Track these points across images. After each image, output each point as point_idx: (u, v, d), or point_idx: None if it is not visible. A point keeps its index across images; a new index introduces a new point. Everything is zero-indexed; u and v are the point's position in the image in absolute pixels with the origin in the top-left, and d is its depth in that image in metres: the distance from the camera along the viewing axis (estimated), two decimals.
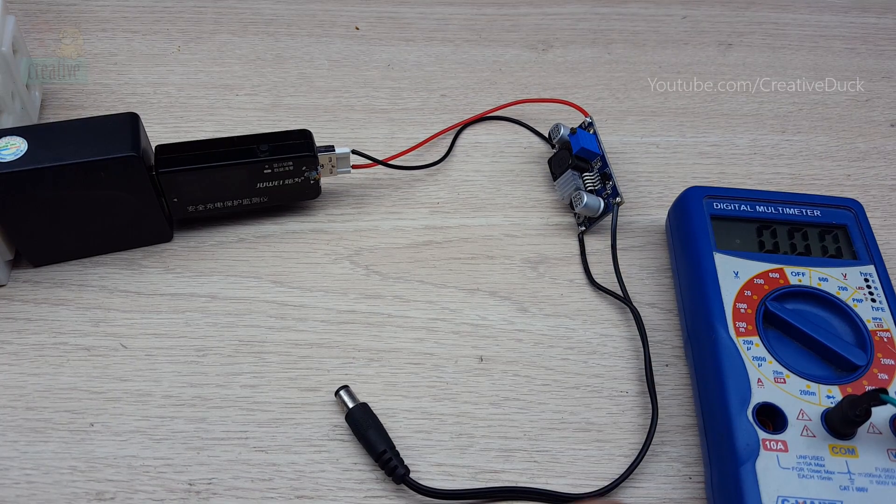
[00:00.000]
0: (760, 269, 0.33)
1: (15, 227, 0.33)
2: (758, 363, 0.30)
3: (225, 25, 0.49)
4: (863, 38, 0.52)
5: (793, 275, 0.33)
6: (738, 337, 0.31)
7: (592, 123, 0.40)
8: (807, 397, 0.29)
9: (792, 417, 0.29)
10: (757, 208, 0.36)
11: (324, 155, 0.37)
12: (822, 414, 0.29)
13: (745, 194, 0.36)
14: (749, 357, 0.30)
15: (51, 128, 0.33)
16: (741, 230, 0.35)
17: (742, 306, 0.32)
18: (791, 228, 0.35)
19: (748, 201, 0.36)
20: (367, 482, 0.30)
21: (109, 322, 0.34)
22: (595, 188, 0.39)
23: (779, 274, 0.33)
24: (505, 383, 0.33)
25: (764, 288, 0.33)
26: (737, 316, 0.32)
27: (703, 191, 0.36)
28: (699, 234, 0.35)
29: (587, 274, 0.37)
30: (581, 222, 0.39)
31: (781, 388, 0.30)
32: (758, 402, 0.29)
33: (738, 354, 0.30)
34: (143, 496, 0.29)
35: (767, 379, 0.30)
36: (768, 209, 0.36)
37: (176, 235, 0.37)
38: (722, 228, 0.35)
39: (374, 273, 0.37)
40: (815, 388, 0.30)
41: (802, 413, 0.29)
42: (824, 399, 0.29)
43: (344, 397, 0.31)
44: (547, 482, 0.30)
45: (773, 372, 0.30)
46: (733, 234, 0.35)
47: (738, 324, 0.31)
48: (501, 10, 0.51)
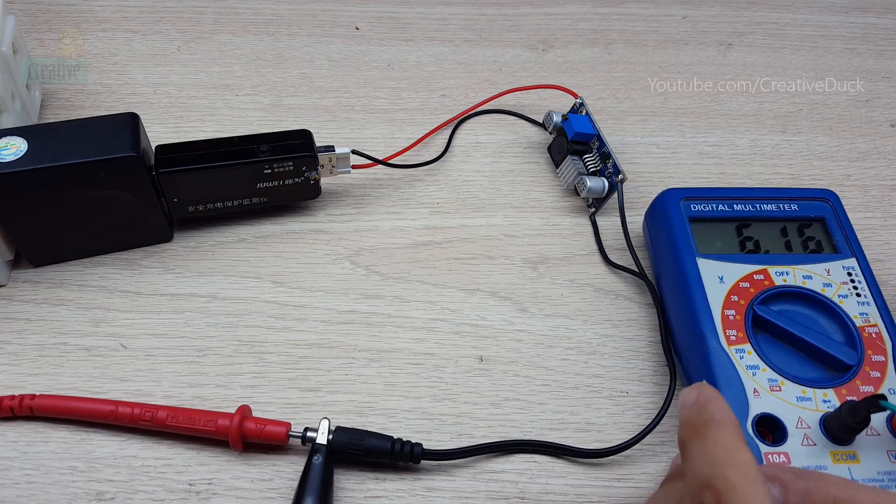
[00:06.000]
0: (745, 272, 0.33)
1: (15, 227, 0.33)
2: (752, 372, 0.30)
3: (225, 25, 0.49)
4: (863, 38, 0.52)
5: (777, 275, 0.33)
6: (730, 346, 0.30)
7: (584, 104, 0.41)
8: (803, 404, 0.29)
9: (791, 427, 0.28)
10: (734, 207, 0.35)
11: (324, 155, 0.37)
12: (820, 420, 0.29)
13: (721, 193, 0.36)
14: (743, 367, 0.30)
15: (51, 128, 0.33)
16: (721, 232, 0.34)
17: (730, 313, 0.31)
18: (770, 225, 0.35)
19: (725, 200, 0.35)
20: (367, 482, 0.30)
21: (109, 322, 0.34)
22: (597, 169, 0.39)
23: (763, 275, 0.33)
24: (505, 383, 0.33)
25: (750, 291, 0.32)
26: (726, 324, 0.31)
27: (680, 192, 0.35)
28: (680, 240, 0.34)
29: (602, 254, 0.38)
30: (590, 204, 0.40)
31: (778, 396, 0.29)
32: (756, 413, 0.28)
33: (731, 365, 0.30)
34: (143, 496, 0.29)
35: (763, 388, 0.29)
36: (745, 207, 0.35)
37: (176, 235, 0.37)
38: (702, 231, 0.34)
39: (374, 273, 0.37)
40: (811, 392, 0.29)
41: (801, 421, 0.28)
42: (821, 404, 0.29)
43: (316, 435, 0.29)
44: (547, 482, 0.30)
45: (767, 380, 0.29)
46: (714, 237, 0.34)
47: (729, 332, 0.31)
48: (501, 10, 0.51)
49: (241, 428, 0.29)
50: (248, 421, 0.30)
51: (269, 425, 0.30)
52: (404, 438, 0.30)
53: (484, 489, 0.30)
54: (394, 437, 0.30)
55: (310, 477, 0.28)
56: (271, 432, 0.29)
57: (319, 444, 0.29)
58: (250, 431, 0.29)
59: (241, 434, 0.29)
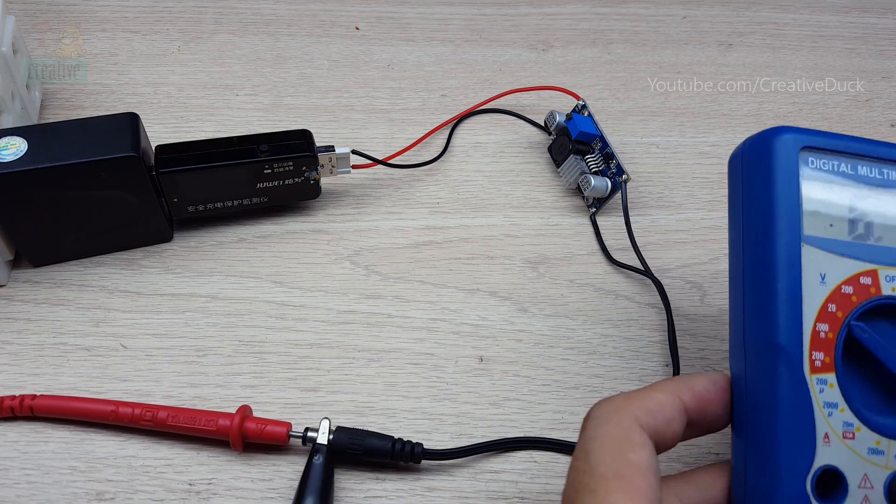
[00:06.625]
0: (851, 271, 0.23)
1: (15, 227, 0.33)
2: (828, 412, 0.22)
3: (225, 25, 0.49)
4: (863, 38, 0.52)
5: (887, 280, 0.24)
6: (812, 374, 0.22)
7: (586, 106, 0.41)
8: (874, 458, 0.23)
9: (853, 485, 0.22)
10: (859, 169, 0.24)
11: (324, 155, 0.37)
12: (887, 481, 0.23)
13: (860, 145, 0.24)
14: (820, 404, 0.22)
15: (51, 128, 0.33)
16: (834, 205, 0.24)
17: (823, 329, 0.23)
18: (892, 199, 0.24)
19: (856, 160, 0.24)
20: (368, 482, 0.30)
21: (109, 322, 0.34)
22: (599, 169, 0.39)
23: (871, 278, 0.24)
24: (505, 383, 0.33)
25: (852, 301, 0.23)
26: (815, 343, 0.23)
27: (801, 137, 0.24)
28: (783, 211, 0.23)
29: (605, 253, 0.38)
30: (591, 204, 0.40)
31: (849, 445, 0.22)
32: (821, 465, 0.22)
33: (807, 400, 0.22)
34: (143, 496, 0.29)
35: (836, 434, 0.22)
36: (872, 170, 0.24)
37: (176, 235, 0.37)
38: (817, 203, 0.24)
39: (374, 273, 0.37)
40: (885, 444, 0.23)
41: (866, 479, 0.22)
42: (892, 460, 0.23)
43: (316, 435, 0.29)
44: (547, 482, 0.30)
45: (843, 424, 0.22)
46: (828, 213, 0.24)
47: (815, 355, 0.22)
48: (501, 10, 0.51)
49: (242, 428, 0.29)
50: (248, 421, 0.30)
51: (269, 425, 0.30)
52: (404, 438, 0.30)
53: (484, 489, 0.30)
54: (394, 437, 0.30)
55: (310, 477, 0.28)
56: (272, 432, 0.29)
57: (320, 444, 0.29)
58: (251, 431, 0.29)
59: (241, 434, 0.29)
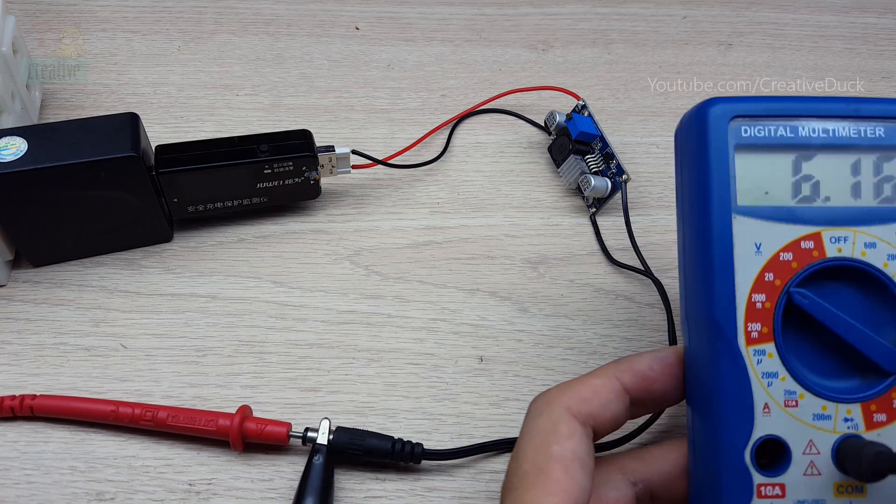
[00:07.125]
0: (790, 237, 0.23)
1: (15, 227, 0.33)
2: (767, 382, 0.23)
3: (225, 25, 0.48)
4: (863, 38, 0.52)
5: (831, 241, 0.23)
6: (749, 346, 0.23)
7: (586, 106, 0.41)
8: (819, 423, 0.23)
9: (797, 452, 0.23)
10: (800, 131, 0.24)
11: (324, 155, 0.37)
12: (834, 446, 0.23)
13: (793, 106, 0.24)
14: (758, 375, 0.23)
15: (51, 128, 0.33)
16: (774, 170, 0.24)
17: (759, 299, 0.23)
18: (839, 158, 0.24)
19: (793, 120, 0.24)
20: (368, 482, 0.30)
21: (109, 322, 0.34)
22: (599, 169, 0.39)
23: (813, 242, 0.23)
24: (505, 383, 0.33)
25: (791, 267, 0.23)
26: (751, 314, 0.23)
27: (730, 106, 0.24)
28: (714, 184, 0.23)
29: (605, 253, 0.38)
30: (591, 204, 0.40)
31: (791, 413, 0.23)
32: (760, 436, 0.23)
33: (744, 373, 0.23)
34: (143, 496, 0.29)
35: (777, 403, 0.23)
36: (815, 130, 0.24)
37: (176, 235, 0.37)
38: (750, 171, 0.24)
39: (374, 273, 0.37)
40: (832, 408, 0.23)
41: (811, 445, 0.23)
42: (840, 423, 0.23)
43: (316, 435, 0.29)
44: None
45: (784, 392, 0.23)
46: (763, 179, 0.24)
47: (752, 326, 0.23)
48: (501, 10, 0.51)
49: (242, 428, 0.29)
50: (248, 421, 0.30)
51: (269, 425, 0.30)
52: (404, 438, 0.30)
53: (484, 489, 0.30)
54: (394, 437, 0.30)
55: (310, 477, 0.28)
56: (272, 432, 0.29)
57: (320, 445, 0.29)
58: (251, 432, 0.29)
59: (241, 434, 0.29)
